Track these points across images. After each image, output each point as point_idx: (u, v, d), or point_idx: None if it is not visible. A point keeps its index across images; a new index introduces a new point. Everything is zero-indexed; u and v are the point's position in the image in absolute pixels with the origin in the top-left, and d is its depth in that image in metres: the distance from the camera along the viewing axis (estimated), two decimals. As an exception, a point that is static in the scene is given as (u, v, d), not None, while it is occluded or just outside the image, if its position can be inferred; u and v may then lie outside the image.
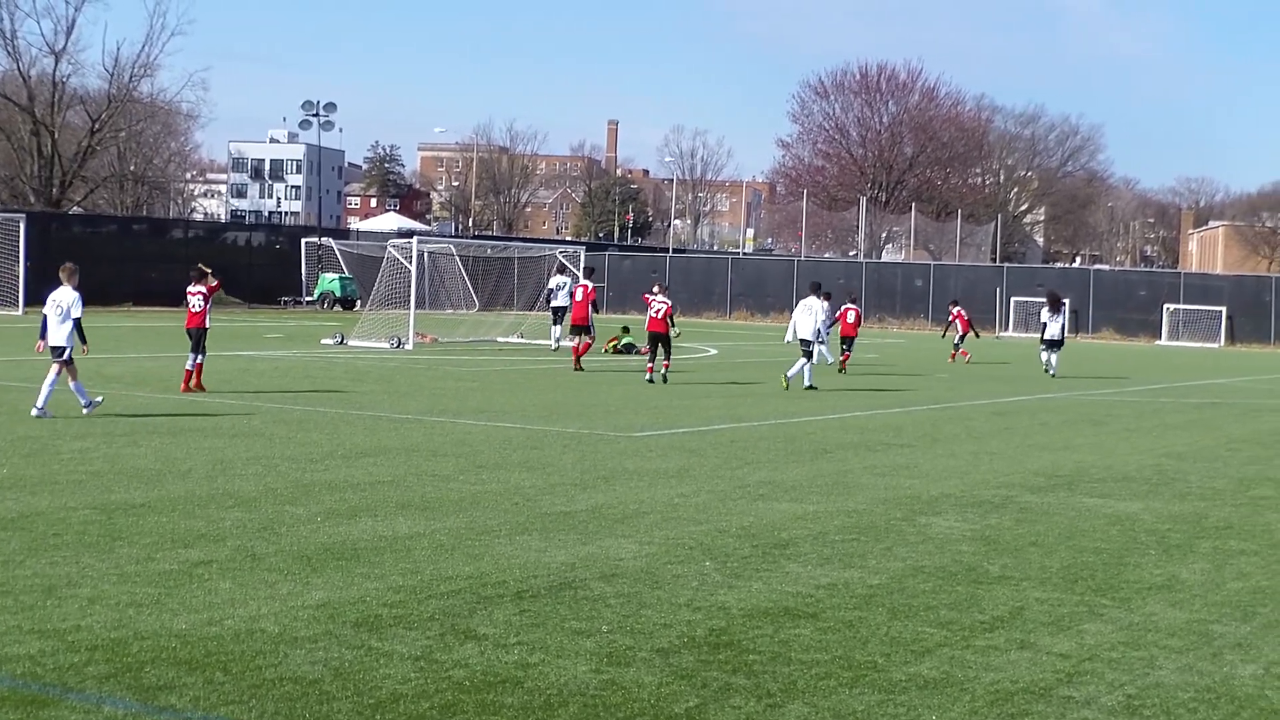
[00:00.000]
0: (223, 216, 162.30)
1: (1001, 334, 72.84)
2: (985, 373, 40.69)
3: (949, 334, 47.04)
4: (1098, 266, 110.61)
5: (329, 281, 71.50)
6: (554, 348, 42.96)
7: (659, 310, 31.60)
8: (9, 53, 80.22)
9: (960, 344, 46.07)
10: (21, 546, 11.56)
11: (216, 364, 26.10)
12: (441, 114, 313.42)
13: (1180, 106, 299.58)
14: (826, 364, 31.68)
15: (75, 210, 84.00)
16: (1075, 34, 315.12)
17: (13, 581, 10.37)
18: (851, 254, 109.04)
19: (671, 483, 16.44)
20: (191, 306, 25.43)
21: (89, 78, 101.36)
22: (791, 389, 30.47)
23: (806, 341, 31.23)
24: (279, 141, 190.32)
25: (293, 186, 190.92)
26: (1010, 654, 9.46)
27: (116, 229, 73.05)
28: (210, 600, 10.01)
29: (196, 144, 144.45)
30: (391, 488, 15.26)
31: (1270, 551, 13.64)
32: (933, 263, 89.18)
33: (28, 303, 54.01)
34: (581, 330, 36.30)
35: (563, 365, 36.08)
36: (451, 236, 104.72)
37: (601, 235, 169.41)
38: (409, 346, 41.33)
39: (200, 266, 26.21)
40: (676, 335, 32.26)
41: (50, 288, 21.40)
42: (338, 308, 69.49)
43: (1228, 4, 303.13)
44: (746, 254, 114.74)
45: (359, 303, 64.87)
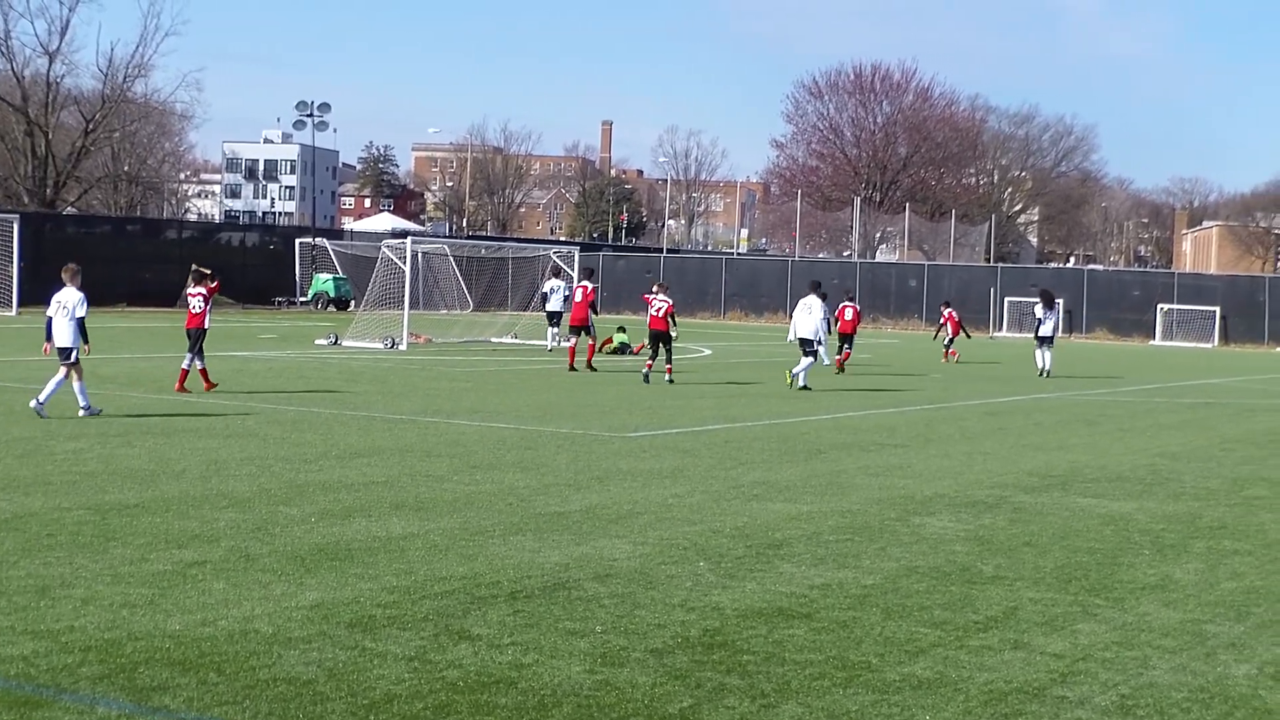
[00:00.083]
0: (217, 217, 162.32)
1: (995, 334, 72.92)
2: (979, 373, 40.72)
3: (940, 335, 47.12)
4: (1092, 267, 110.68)
5: (323, 282, 71.48)
6: (550, 348, 42.96)
7: (660, 309, 31.57)
8: (3, 53, 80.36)
9: (950, 345, 46.17)
10: (15, 547, 11.55)
11: (210, 365, 26.08)
12: (436, 114, 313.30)
13: (1174, 107, 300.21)
14: (823, 365, 31.65)
15: (69, 211, 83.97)
16: (1069, 34, 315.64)
17: (6, 582, 10.36)
18: (846, 254, 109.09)
19: (666, 483, 16.44)
20: (192, 308, 25.49)
21: (83, 78, 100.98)
22: (813, 386, 30.77)
23: (806, 340, 31.24)
24: (273, 142, 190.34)
25: (287, 187, 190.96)
26: (1004, 654, 9.46)
27: (110, 229, 72.99)
28: (204, 601, 10.00)
29: (190, 144, 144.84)
30: (385, 488, 15.26)
31: (1264, 551, 13.65)
32: (927, 263, 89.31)
33: (21, 303, 54.00)
34: (581, 331, 36.28)
35: (557, 366, 36.08)
36: (446, 237, 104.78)
37: (596, 235, 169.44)
38: (403, 347, 41.32)
39: (199, 268, 26.24)
40: (676, 336, 32.27)
41: (44, 288, 21.42)
42: (332, 308, 69.47)
43: (1222, 5, 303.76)
44: (741, 254, 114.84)
45: (353, 303, 64.90)
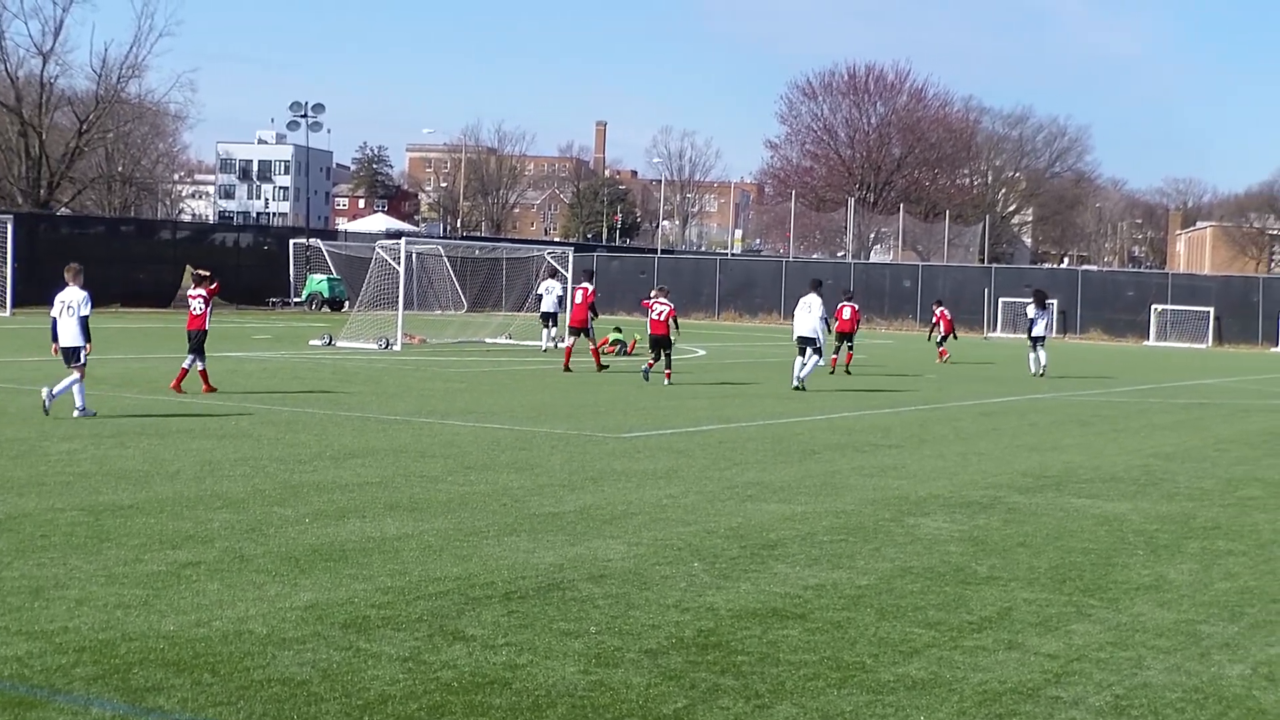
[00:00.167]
0: (211, 217, 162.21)
1: (990, 334, 72.96)
2: (973, 373, 40.74)
3: (933, 335, 47.07)
4: (1085, 267, 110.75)
5: (317, 282, 71.45)
6: (544, 349, 42.97)
7: (660, 313, 31.56)
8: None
9: (942, 343, 46.13)
10: (9, 548, 11.54)
11: (206, 365, 26.05)
12: (430, 115, 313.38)
13: (1168, 107, 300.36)
14: (818, 366, 31.66)
15: (63, 211, 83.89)
16: (1063, 35, 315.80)
17: (0, 583, 10.34)
18: (840, 255, 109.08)
19: (660, 484, 16.44)
20: (192, 309, 25.70)
21: (77, 79, 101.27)
22: (807, 387, 30.80)
23: (806, 339, 31.20)
24: (267, 142, 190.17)
25: (281, 187, 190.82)
26: (998, 654, 9.46)
27: (104, 230, 72.95)
28: (198, 602, 9.99)
29: (184, 145, 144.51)
30: (379, 489, 15.25)
31: (1258, 552, 13.66)
32: (921, 263, 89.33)
33: (15, 304, 53.96)
34: (580, 333, 36.26)
35: (551, 366, 36.07)
36: (440, 237, 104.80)
37: (590, 236, 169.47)
38: (397, 347, 41.31)
39: (198, 271, 26.39)
40: (676, 338, 32.31)
41: (38, 289, 21.44)
42: (326, 309, 69.44)
43: (1216, 5, 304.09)
44: (735, 255, 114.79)
45: (347, 304, 64.89)
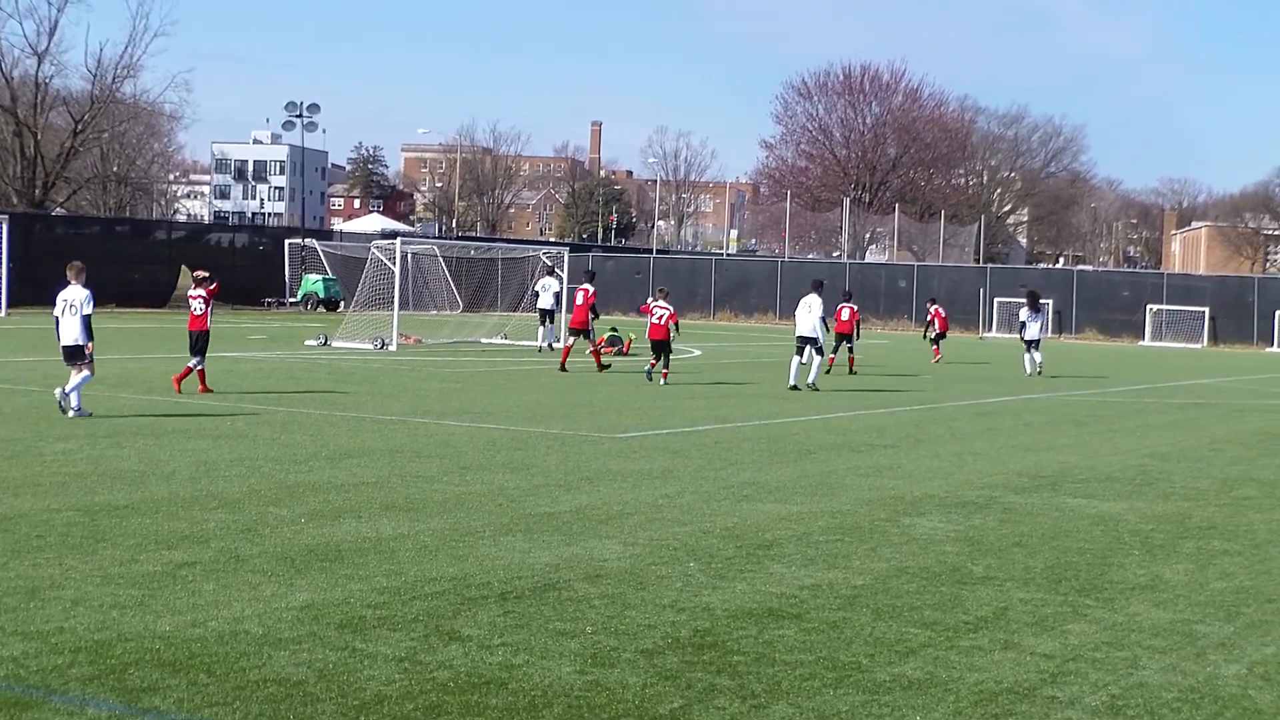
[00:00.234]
0: (206, 218, 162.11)
1: (985, 335, 72.99)
2: (968, 373, 40.75)
3: (929, 333, 46.99)
4: (1081, 267, 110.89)
5: (312, 283, 71.41)
6: (539, 348, 42.98)
7: (661, 316, 31.61)
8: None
9: (938, 342, 46.02)
10: (4, 548, 11.52)
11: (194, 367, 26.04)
12: (425, 115, 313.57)
13: (1163, 107, 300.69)
14: (806, 365, 31.69)
15: (58, 212, 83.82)
16: (1058, 35, 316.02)
17: (-5, 584, 10.34)
18: (835, 255, 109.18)
19: (656, 484, 16.44)
20: (193, 310, 25.91)
21: (72, 79, 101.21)
22: (801, 386, 30.84)
23: (806, 338, 31.22)
24: (262, 142, 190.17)
25: (276, 188, 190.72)
26: (994, 654, 9.46)
27: (100, 230, 72.86)
28: (194, 602, 9.99)
29: (179, 145, 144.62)
30: (375, 489, 15.24)
31: (1253, 551, 13.67)
32: (916, 263, 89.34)
33: (10, 304, 53.87)
34: (580, 333, 36.24)
35: (546, 366, 36.05)
36: (435, 237, 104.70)
37: (585, 236, 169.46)
38: (393, 348, 41.30)
39: (197, 273, 26.53)
40: (676, 339, 32.38)
41: (33, 289, 21.42)
42: (321, 309, 69.40)
43: (1212, 6, 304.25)
44: (730, 255, 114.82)
45: (342, 304, 64.83)
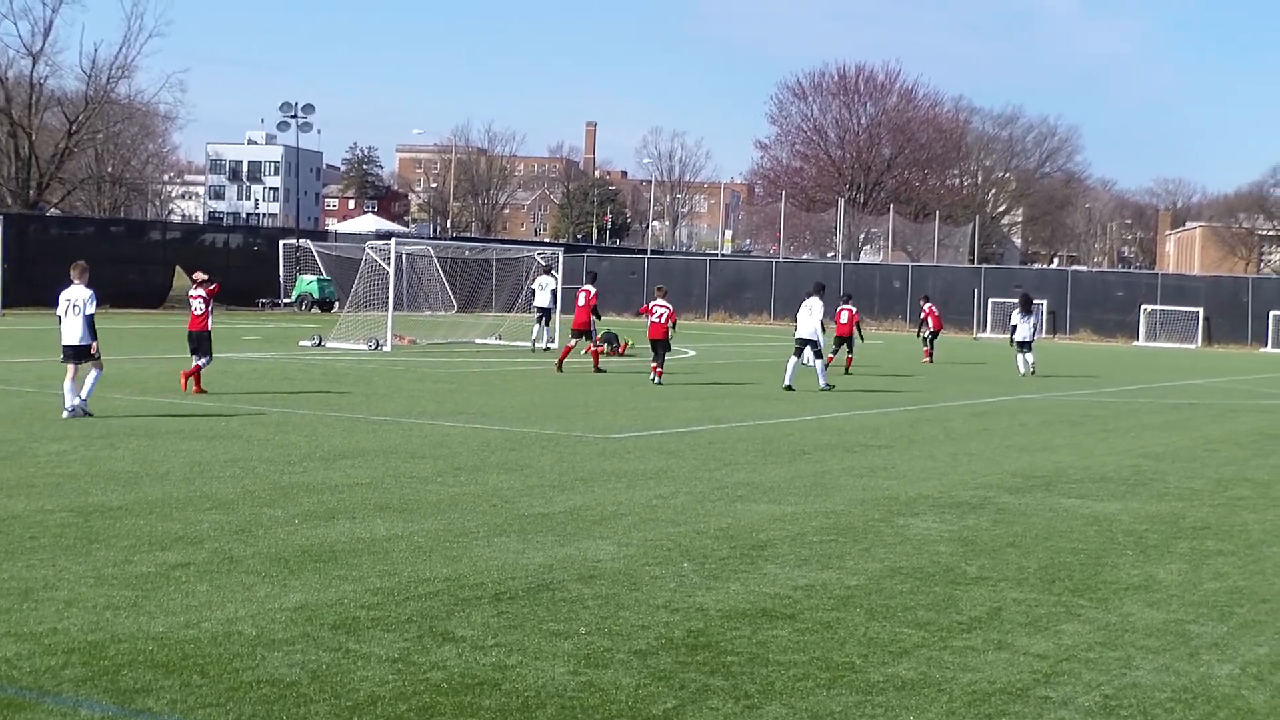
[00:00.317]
0: (201, 218, 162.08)
1: (979, 335, 73.01)
2: (963, 373, 40.76)
3: (922, 331, 46.94)
4: (1075, 268, 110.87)
5: (307, 283, 71.33)
6: (533, 348, 43.00)
7: (660, 315, 31.70)
8: (-14, 55, 80.00)
9: (933, 341, 45.95)
10: (-2, 549, 11.52)
11: (190, 367, 26.03)
12: (420, 115, 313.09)
13: (1157, 108, 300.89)
14: (807, 365, 31.71)
15: (53, 212, 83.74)
16: (1053, 35, 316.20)
17: (-11, 585, 10.34)
18: (830, 255, 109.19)
19: (650, 484, 16.44)
20: (193, 310, 26.11)
21: (66, 79, 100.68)
22: (796, 387, 30.85)
23: (805, 340, 31.27)
24: (257, 143, 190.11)
25: (270, 188, 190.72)
26: (988, 655, 9.47)
27: (94, 231, 72.69)
28: (188, 603, 9.98)
29: (174, 146, 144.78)
30: (369, 490, 15.24)
31: (1247, 552, 13.68)
32: (910, 264, 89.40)
33: (6, 305, 53.80)
34: (582, 335, 36.25)
35: (541, 367, 36.05)
36: (429, 238, 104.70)
37: (580, 237, 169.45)
38: (387, 348, 41.26)
39: (198, 275, 26.67)
40: (673, 336, 32.47)
41: (29, 290, 21.40)
42: (316, 309, 69.32)
43: (1207, 6, 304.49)
44: (725, 255, 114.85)
45: (337, 304, 64.80)
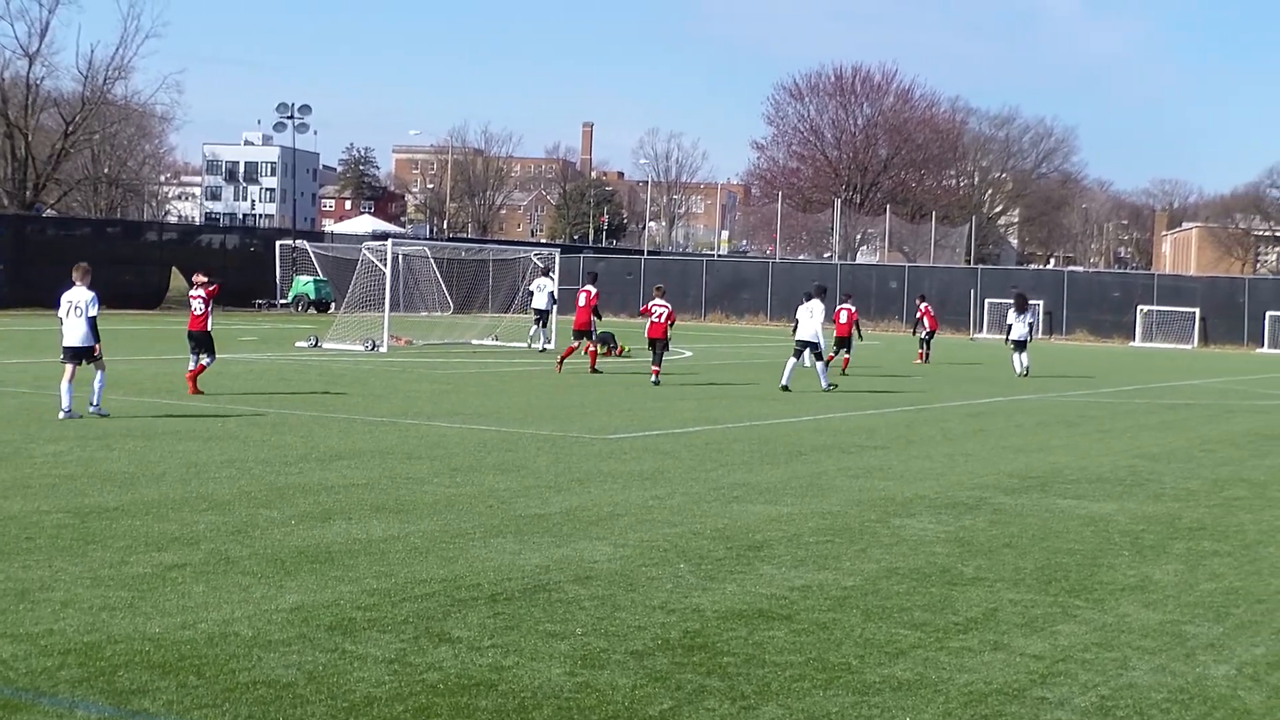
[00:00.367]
0: (197, 219, 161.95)
1: (976, 336, 73.04)
2: (959, 374, 40.77)
3: (918, 331, 46.90)
4: (1072, 268, 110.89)
5: (303, 284, 71.31)
6: (528, 346, 43.14)
7: (660, 314, 31.78)
8: (-18, 56, 79.92)
9: (929, 341, 45.90)
10: (-6, 550, 11.52)
11: (186, 368, 26.02)
12: (416, 116, 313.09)
13: (1154, 109, 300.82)
14: (804, 367, 31.79)
15: (49, 213, 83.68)
16: (1050, 36, 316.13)
17: (-15, 586, 10.33)
18: (826, 256, 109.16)
19: (646, 485, 16.44)
20: (193, 309, 26.10)
21: (63, 80, 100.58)
22: (793, 388, 30.84)
23: (806, 342, 31.35)
24: (253, 144, 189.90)
25: (267, 189, 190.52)
26: (984, 655, 9.48)
27: (90, 232, 72.73)
28: (184, 604, 9.98)
29: (171, 146, 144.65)
30: (366, 490, 15.24)
31: (1243, 552, 13.69)
32: (907, 264, 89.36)
33: (1, 306, 53.78)
34: (583, 335, 36.28)
35: (536, 368, 36.06)
36: (426, 239, 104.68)
37: (576, 237, 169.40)
38: (383, 349, 41.27)
39: (198, 277, 26.69)
40: (669, 335, 32.57)
41: (25, 290, 21.38)
42: (312, 310, 69.32)
43: (1203, 6, 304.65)
44: (721, 256, 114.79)
45: (333, 305, 64.79)
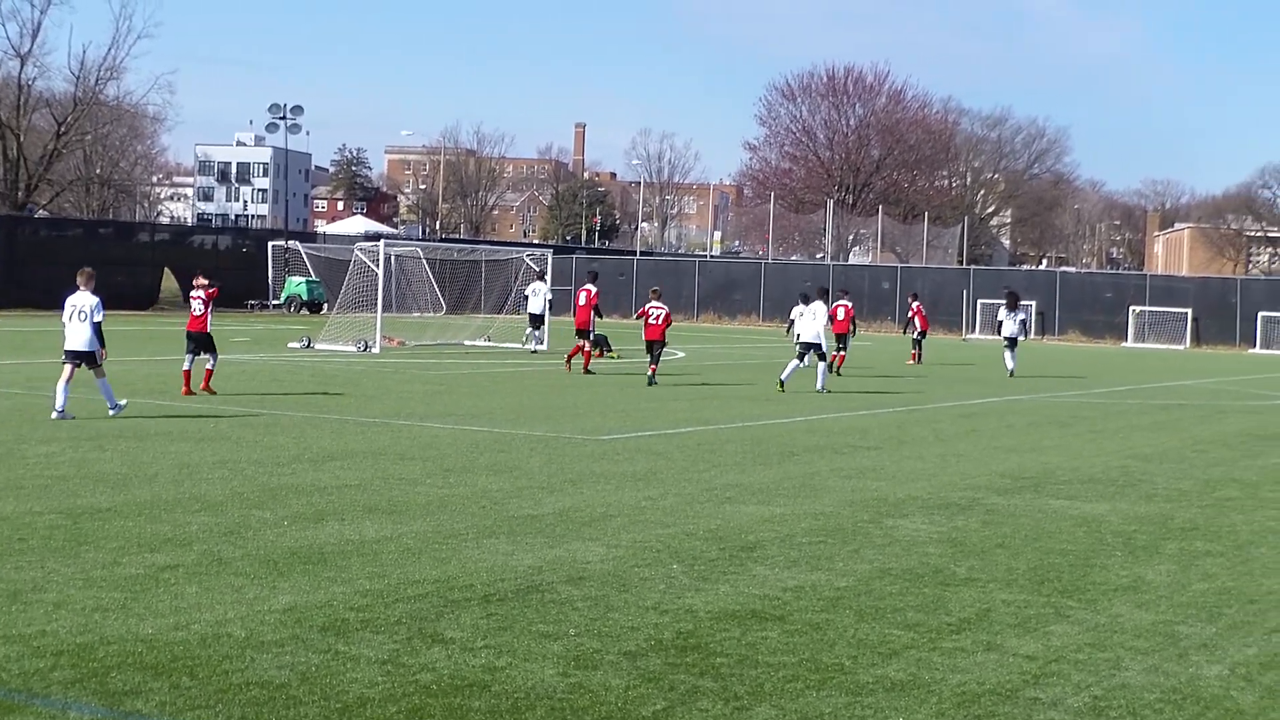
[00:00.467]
0: (189, 220, 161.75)
1: (968, 336, 73.06)
2: (951, 375, 40.79)
3: (909, 331, 46.90)
4: (1064, 269, 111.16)
5: (296, 285, 71.23)
6: (523, 344, 43.27)
7: (657, 316, 31.85)
8: (-26, 57, 79.85)
9: (920, 342, 45.88)
10: (-14, 552, 11.50)
11: (180, 368, 25.99)
12: (409, 117, 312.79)
13: (1146, 109, 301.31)
14: (803, 368, 31.82)
15: (41, 214, 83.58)
16: (1042, 37, 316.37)
17: (-23, 587, 10.31)
18: (819, 256, 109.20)
19: (639, 486, 16.44)
20: (193, 310, 26.24)
21: (55, 81, 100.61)
22: (787, 389, 30.85)
23: (809, 344, 31.43)
24: (246, 144, 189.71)
25: (259, 190, 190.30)
26: (977, 656, 9.48)
27: (83, 232, 72.67)
28: (177, 605, 9.97)
29: (163, 147, 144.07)
30: (358, 491, 15.23)
31: (1235, 552, 13.71)
32: (899, 265, 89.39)
33: (-7, 306, 53.75)
34: (584, 334, 36.36)
35: (529, 369, 36.05)
36: (418, 239, 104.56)
37: (569, 238, 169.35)
38: (376, 350, 41.24)
39: (199, 279, 26.72)
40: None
41: (18, 291, 21.34)
42: (304, 311, 69.23)
43: (1196, 7, 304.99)
44: (714, 257, 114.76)
45: (326, 306, 64.71)
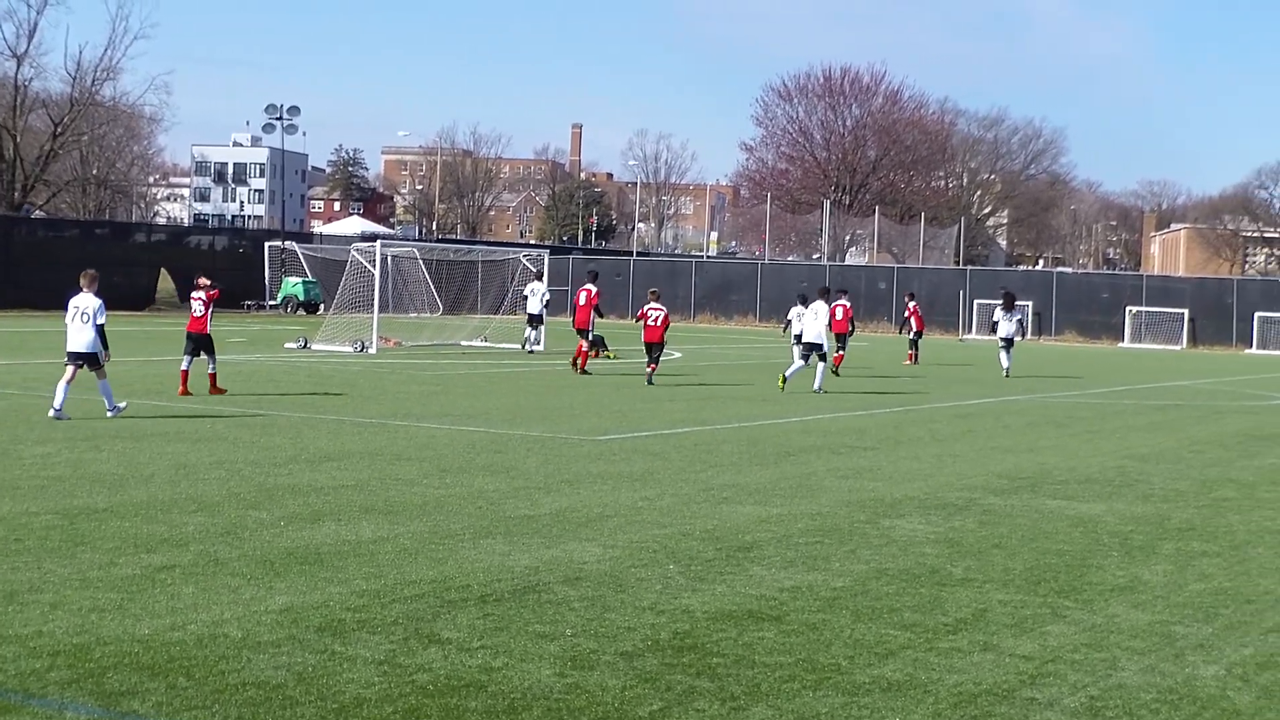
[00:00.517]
0: (186, 220, 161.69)
1: (965, 337, 73.09)
2: (948, 375, 40.79)
3: (904, 331, 46.94)
4: (1060, 269, 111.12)
5: (292, 285, 71.20)
6: (522, 347, 43.33)
7: (656, 317, 31.96)
8: (-30, 57, 79.76)
9: (917, 341, 45.87)
10: (-18, 552, 11.49)
11: (177, 369, 25.99)
12: (405, 117, 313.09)
13: (1143, 110, 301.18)
14: (804, 368, 31.93)
15: (37, 214, 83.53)
16: (1039, 38, 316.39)
17: (-27, 587, 10.31)
18: (815, 257, 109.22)
19: (635, 486, 16.44)
20: (193, 311, 26.39)
21: (51, 81, 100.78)
22: (788, 390, 30.86)
23: (811, 344, 31.58)
24: (242, 145, 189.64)
25: (256, 190, 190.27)
26: (973, 656, 9.48)
27: (79, 233, 72.63)
28: (173, 605, 9.97)
29: (159, 148, 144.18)
30: (355, 492, 15.22)
31: (1232, 553, 13.71)
32: (896, 265, 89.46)
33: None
34: (584, 334, 36.44)
35: (526, 369, 36.05)
36: (415, 240, 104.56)
37: (565, 239, 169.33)
38: (372, 350, 41.22)
39: (201, 280, 26.74)
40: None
41: (14, 291, 21.33)
42: (301, 311, 69.21)
43: (1192, 8, 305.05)
44: (710, 257, 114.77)
45: (322, 306, 64.71)
